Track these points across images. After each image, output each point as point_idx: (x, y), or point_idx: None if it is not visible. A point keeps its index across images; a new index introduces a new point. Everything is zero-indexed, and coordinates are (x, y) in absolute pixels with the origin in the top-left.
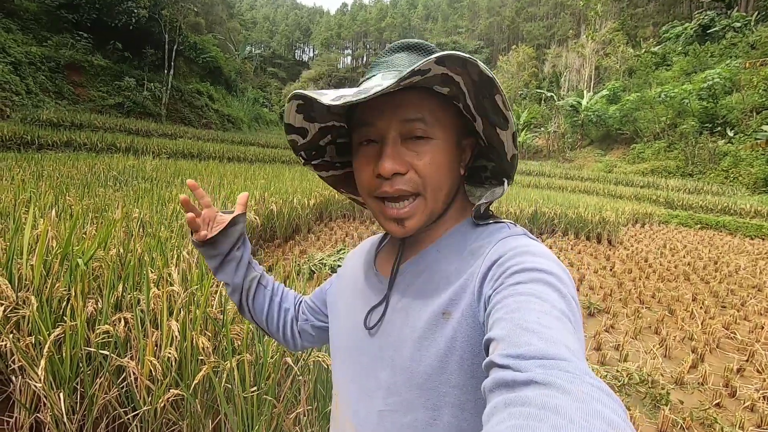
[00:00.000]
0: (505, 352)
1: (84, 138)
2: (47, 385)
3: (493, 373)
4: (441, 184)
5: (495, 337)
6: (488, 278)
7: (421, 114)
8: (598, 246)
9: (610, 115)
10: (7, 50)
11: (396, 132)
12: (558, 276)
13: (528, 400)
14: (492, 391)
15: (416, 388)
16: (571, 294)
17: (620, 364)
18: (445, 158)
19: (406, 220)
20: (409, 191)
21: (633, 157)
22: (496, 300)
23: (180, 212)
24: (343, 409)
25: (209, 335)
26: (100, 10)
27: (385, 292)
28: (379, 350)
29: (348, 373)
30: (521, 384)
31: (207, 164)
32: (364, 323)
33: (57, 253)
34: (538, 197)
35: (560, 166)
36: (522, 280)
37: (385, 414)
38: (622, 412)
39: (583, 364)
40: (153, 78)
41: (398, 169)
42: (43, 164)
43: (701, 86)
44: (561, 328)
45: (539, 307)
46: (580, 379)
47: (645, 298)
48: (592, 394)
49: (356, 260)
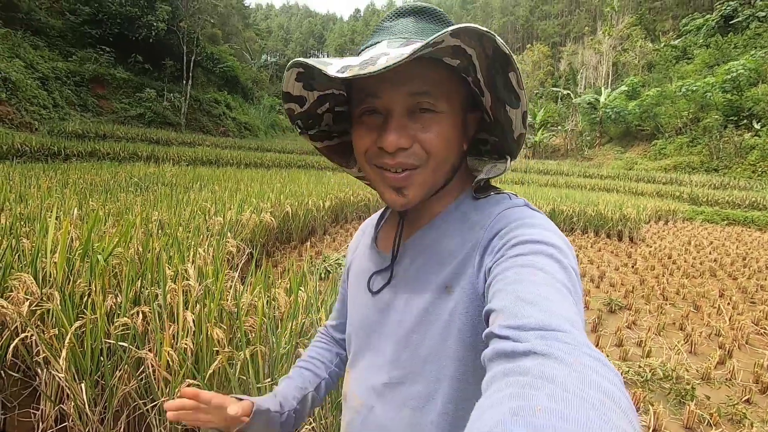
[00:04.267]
0: (505, 323)
1: (107, 148)
2: (70, 376)
3: (492, 344)
4: (445, 158)
5: (495, 308)
6: (489, 250)
7: (429, 87)
8: (619, 243)
9: (629, 111)
10: (36, 66)
11: (402, 105)
12: (559, 247)
13: (526, 369)
14: (491, 361)
15: (420, 361)
16: (572, 265)
17: (643, 360)
18: (451, 132)
19: (405, 189)
20: (410, 164)
21: (654, 153)
22: (497, 271)
23: (197, 213)
24: (351, 385)
25: (224, 328)
26: (122, 25)
27: (387, 267)
28: (385, 326)
29: (357, 349)
30: (520, 354)
31: (225, 170)
32: (368, 287)
33: (78, 251)
34: (555, 195)
35: (579, 164)
36: (523, 251)
37: (389, 386)
38: (618, 381)
39: (582, 335)
40: (172, 88)
41: (403, 144)
42: (68, 173)
43: (725, 78)
44: (561, 300)
45: (540, 279)
46: (578, 350)
47: (669, 295)
48: (589, 365)
49: (358, 246)
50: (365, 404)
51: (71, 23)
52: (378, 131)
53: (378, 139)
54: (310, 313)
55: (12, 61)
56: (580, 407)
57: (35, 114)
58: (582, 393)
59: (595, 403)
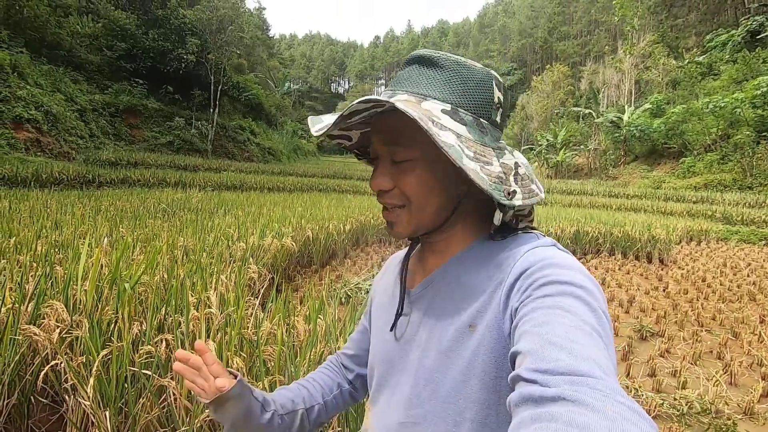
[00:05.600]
0: (533, 367)
1: (138, 175)
2: (95, 404)
3: (519, 387)
4: (425, 202)
5: (522, 351)
6: (515, 290)
7: (399, 138)
8: (649, 266)
9: (654, 129)
10: (75, 99)
11: (383, 153)
12: (588, 289)
13: (556, 416)
14: (518, 406)
15: (439, 401)
16: (602, 309)
17: (678, 392)
18: (428, 177)
19: (393, 224)
20: (396, 204)
21: (683, 171)
22: (523, 312)
23: (220, 239)
24: (372, 421)
25: (244, 356)
26: (155, 59)
27: (410, 304)
28: (406, 363)
29: (377, 386)
30: (549, 400)
31: (248, 195)
32: (392, 330)
33: (108, 279)
34: (579, 216)
35: (603, 183)
36: (550, 292)
37: (406, 426)
38: (652, 431)
39: (614, 382)
40: (200, 117)
41: (382, 186)
42: (101, 200)
43: (754, 94)
44: (591, 344)
45: (568, 321)
46: (611, 398)
47: (704, 321)
48: (622, 414)
49: (385, 278)
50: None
51: (108, 58)
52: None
53: None
54: (329, 341)
55: (54, 95)
56: None
57: (73, 144)
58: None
59: None
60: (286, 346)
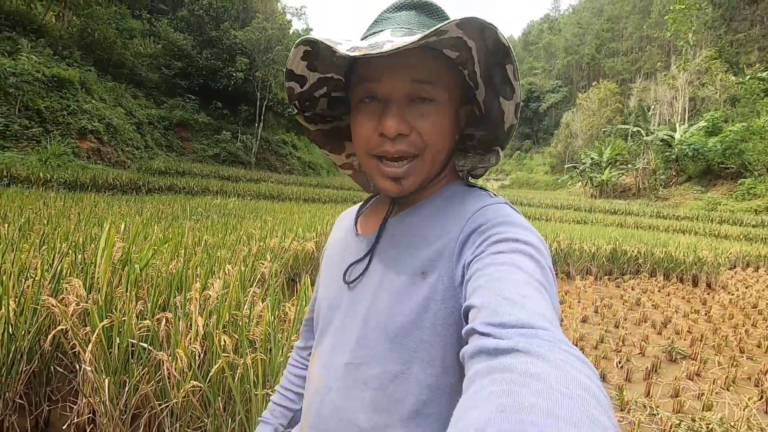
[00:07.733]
0: (487, 321)
1: (183, 183)
2: (95, 370)
3: (473, 341)
4: (442, 147)
5: (476, 305)
6: (468, 244)
7: (431, 76)
8: (694, 289)
9: (709, 148)
10: (134, 113)
11: (403, 92)
12: (536, 247)
13: (510, 366)
14: (473, 358)
15: (388, 342)
16: (548, 265)
17: (699, 413)
18: (447, 122)
19: (403, 179)
20: (410, 152)
21: (742, 193)
22: (477, 267)
23: (242, 238)
24: (315, 365)
25: (234, 336)
26: (207, 76)
27: (365, 251)
28: (357, 307)
29: (322, 329)
30: (503, 351)
31: (284, 204)
32: (343, 278)
33: (123, 261)
34: (617, 235)
35: (652, 204)
36: (503, 249)
37: (351, 366)
38: (596, 378)
39: (560, 332)
40: (245, 131)
41: (402, 130)
42: (144, 203)
43: None
44: (539, 299)
45: (520, 278)
46: (558, 347)
47: (747, 347)
48: (569, 362)
49: (336, 233)
50: (325, 385)
51: (165, 76)
52: (378, 118)
53: (378, 125)
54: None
55: (115, 109)
56: (566, 404)
57: (129, 153)
58: (566, 389)
59: (578, 399)
60: (271, 327)
